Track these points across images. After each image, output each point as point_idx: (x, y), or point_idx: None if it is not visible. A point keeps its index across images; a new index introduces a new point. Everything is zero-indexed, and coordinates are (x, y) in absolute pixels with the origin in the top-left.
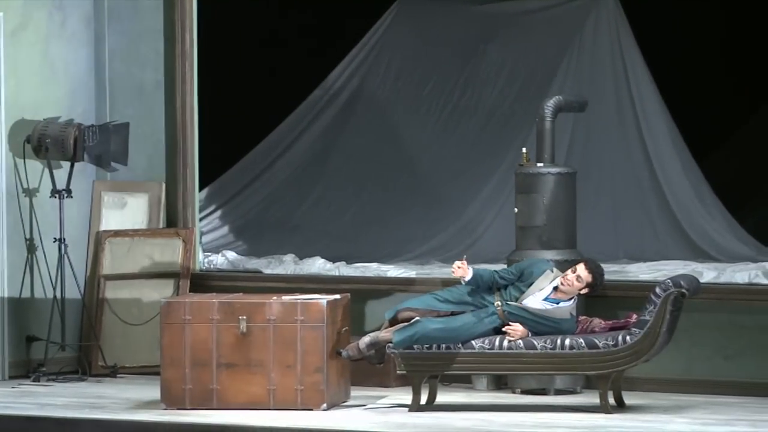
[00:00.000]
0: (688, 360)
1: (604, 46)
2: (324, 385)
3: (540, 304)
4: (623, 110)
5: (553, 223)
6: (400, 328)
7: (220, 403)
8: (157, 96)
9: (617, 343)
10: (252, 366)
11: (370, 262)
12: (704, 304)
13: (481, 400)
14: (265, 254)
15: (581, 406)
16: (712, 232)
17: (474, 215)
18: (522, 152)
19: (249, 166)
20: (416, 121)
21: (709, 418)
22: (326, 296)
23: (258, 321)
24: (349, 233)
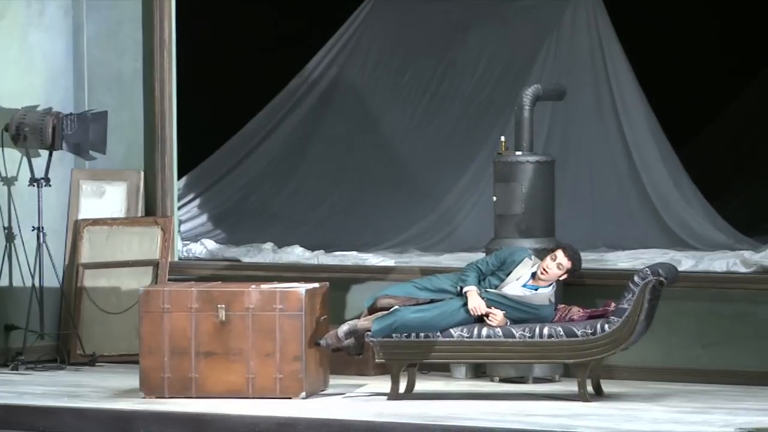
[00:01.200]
0: (666, 348)
1: (582, 35)
2: (303, 373)
3: (519, 291)
4: (602, 99)
5: (532, 211)
6: (379, 317)
7: (199, 392)
8: (135, 85)
9: (596, 332)
10: (231, 354)
11: (349, 251)
12: (682, 293)
13: (459, 389)
14: (243, 243)
15: (560, 395)
16: (690, 220)
17: (452, 204)
18: (500, 141)
19: (228, 154)
20: (395, 109)
21: (686, 406)
22: (305, 285)
23: (237, 309)
24: (328, 222)
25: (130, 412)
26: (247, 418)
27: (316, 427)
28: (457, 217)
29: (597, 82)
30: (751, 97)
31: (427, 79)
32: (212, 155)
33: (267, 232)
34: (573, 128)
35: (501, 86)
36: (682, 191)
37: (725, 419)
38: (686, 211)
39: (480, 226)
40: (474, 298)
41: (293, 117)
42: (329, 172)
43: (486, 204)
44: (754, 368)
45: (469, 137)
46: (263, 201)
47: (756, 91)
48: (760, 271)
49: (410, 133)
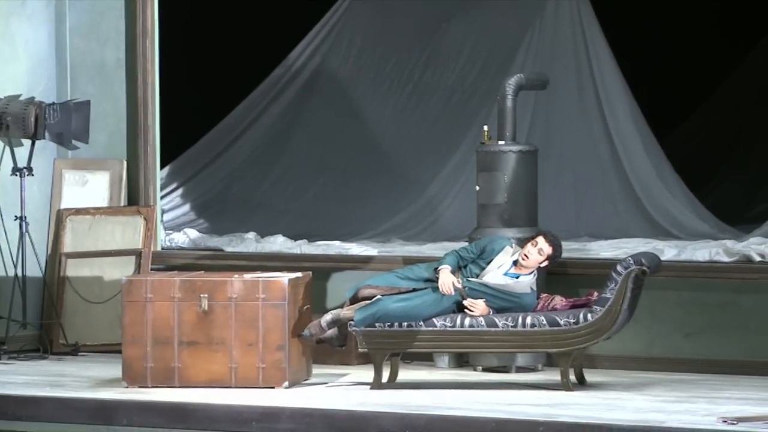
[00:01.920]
0: (649, 337)
1: (565, 24)
2: (286, 363)
3: (501, 279)
4: (584, 88)
5: (515, 200)
6: (362, 306)
7: (182, 381)
8: (118, 74)
9: (578, 321)
10: (213, 344)
11: (332, 240)
12: (665, 282)
13: (442, 378)
14: (226, 232)
15: (542, 384)
16: (672, 210)
17: (435, 193)
18: (483, 130)
19: (210, 144)
20: (378, 99)
21: (669, 395)
22: (288, 274)
23: (219, 299)
24: (311, 211)
25: (112, 402)
26: (230, 407)
27: (299, 417)
28: (439, 207)
29: (580, 72)
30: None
31: (410, 69)
32: (195, 145)
33: (250, 221)
34: (556, 118)
35: (484, 75)
36: (665, 181)
37: (708, 408)
38: (669, 200)
39: (463, 216)
40: (445, 275)
41: (276, 106)
42: (312, 162)
43: (469, 193)
44: (737, 357)
45: (452, 127)
46: (246, 190)
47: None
48: (743, 260)
49: (393, 122)
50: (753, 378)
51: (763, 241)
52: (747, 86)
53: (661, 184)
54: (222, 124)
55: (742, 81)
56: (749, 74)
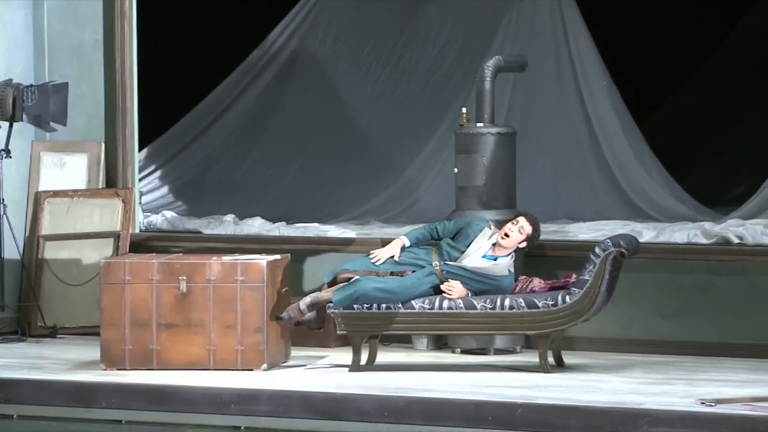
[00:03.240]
0: (627, 319)
1: (544, 7)
2: (264, 345)
3: (479, 262)
4: (563, 70)
5: (493, 183)
6: (340, 288)
7: (160, 364)
8: (95, 56)
9: (557, 303)
10: (192, 326)
11: (310, 223)
12: (643, 264)
13: (421, 360)
14: (204, 214)
15: (521, 366)
16: (651, 191)
17: (414, 175)
18: (462, 112)
19: (189, 126)
20: (356, 81)
21: (647, 377)
22: (266, 256)
23: (198, 281)
24: (289, 193)
25: (91, 384)
26: (208, 389)
27: (278, 399)
28: (418, 189)
29: (558, 54)
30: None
31: (389, 51)
32: (173, 127)
33: (228, 203)
34: (534, 100)
35: (462, 58)
36: (643, 163)
37: (686, 390)
38: (647, 182)
39: (441, 198)
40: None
41: (254, 88)
42: (290, 144)
43: (447, 176)
44: (715, 339)
45: (430, 109)
46: (224, 173)
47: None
48: (721, 242)
49: (372, 104)
50: (731, 360)
51: (741, 223)
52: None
53: (639, 166)
54: (200, 107)
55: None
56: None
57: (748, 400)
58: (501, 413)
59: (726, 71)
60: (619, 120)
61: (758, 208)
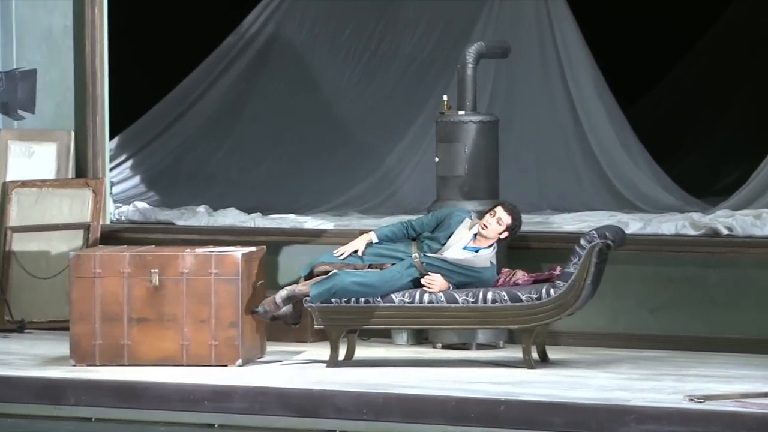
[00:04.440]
0: (613, 313)
1: None
2: (239, 340)
3: (459, 254)
4: (547, 57)
5: (475, 172)
6: (318, 281)
7: (132, 360)
8: (65, 42)
9: (541, 296)
10: (164, 321)
11: (287, 214)
12: (630, 256)
13: (400, 355)
14: (177, 205)
15: (503, 361)
16: (637, 181)
17: (393, 165)
18: (443, 100)
19: (161, 114)
20: (334, 68)
21: (634, 372)
22: (241, 249)
23: (171, 274)
24: (265, 184)
25: (60, 381)
26: (181, 386)
27: (253, 396)
28: (398, 179)
29: (542, 40)
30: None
31: (367, 37)
32: (145, 115)
33: (202, 194)
34: (517, 87)
35: (443, 44)
36: (630, 152)
37: (674, 386)
38: (634, 172)
39: (422, 188)
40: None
41: (229, 75)
42: (266, 133)
43: (428, 165)
44: (704, 334)
45: (410, 96)
46: (198, 162)
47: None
48: (710, 233)
49: (350, 92)
50: (720, 355)
51: (730, 214)
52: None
53: (625, 155)
54: (173, 94)
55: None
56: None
57: (738, 396)
58: (483, 410)
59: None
60: (605, 108)
61: (748, 198)
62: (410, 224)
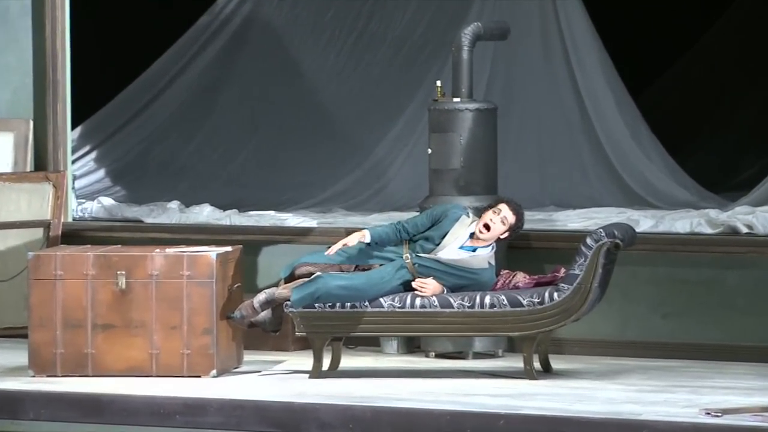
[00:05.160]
0: (623, 319)
1: None
2: (213, 348)
3: (455, 254)
4: (550, 39)
5: (472, 165)
6: (299, 285)
7: (96, 370)
8: (23, 22)
9: (543, 301)
10: (132, 327)
11: (266, 210)
12: (641, 257)
13: (390, 365)
14: (146, 201)
15: (503, 372)
16: (649, 175)
17: (382, 157)
18: (436, 86)
19: (128, 101)
20: (317, 51)
21: (645, 384)
22: (216, 248)
23: (139, 276)
24: (242, 177)
25: (18, 393)
26: (150, 399)
27: (229, 409)
28: (387, 172)
29: (545, 20)
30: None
31: (353, 17)
32: (111, 102)
33: (173, 189)
34: (518, 72)
35: (436, 24)
36: (641, 143)
37: (689, 398)
38: (645, 164)
39: (413, 182)
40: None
41: (202, 59)
42: (243, 122)
43: (420, 157)
44: (721, 341)
45: (400, 82)
46: (169, 154)
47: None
48: (728, 232)
49: (334, 77)
50: (739, 364)
51: (750, 211)
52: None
53: (636, 146)
54: (141, 80)
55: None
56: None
57: (758, 409)
58: (481, 425)
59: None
60: (613, 94)
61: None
62: (403, 226)
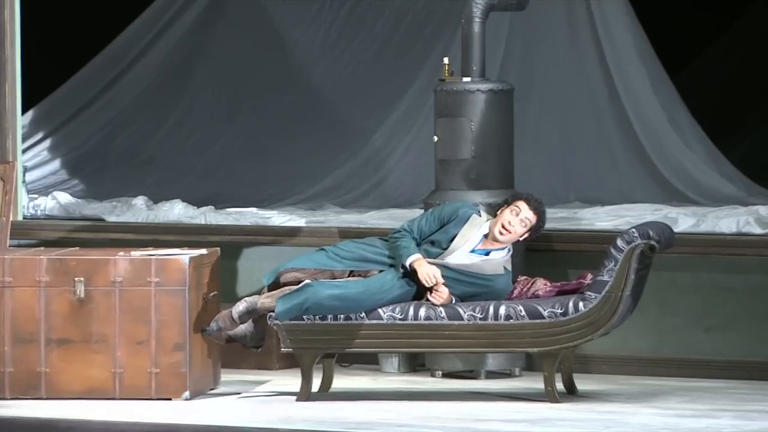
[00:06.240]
0: (658, 333)
1: None
2: (186, 367)
3: (466, 258)
4: (575, 9)
5: (484, 155)
6: (286, 294)
7: (51, 391)
8: None
9: (567, 312)
10: (92, 342)
11: (246, 207)
12: (680, 261)
13: (390, 386)
14: (108, 197)
15: (520, 394)
16: (689, 166)
17: (381, 146)
18: (443, 63)
19: (87, 81)
20: (305, 24)
21: (685, 407)
22: (189, 251)
23: (99, 284)
24: (219, 169)
25: None
26: (113, 425)
27: None
28: (387, 163)
29: None
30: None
31: None
32: (67, 82)
33: (139, 182)
34: (537, 48)
35: None
36: (679, 129)
37: (734, 424)
38: (684, 154)
39: (417, 175)
40: (425, 266)
41: (173, 32)
42: (220, 105)
43: (425, 146)
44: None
45: (402, 59)
46: (134, 142)
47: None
48: None
49: (326, 54)
50: None
51: None
52: None
53: (673, 133)
54: (102, 56)
55: None
56: None
57: None
58: None
59: None
60: (648, 73)
61: None
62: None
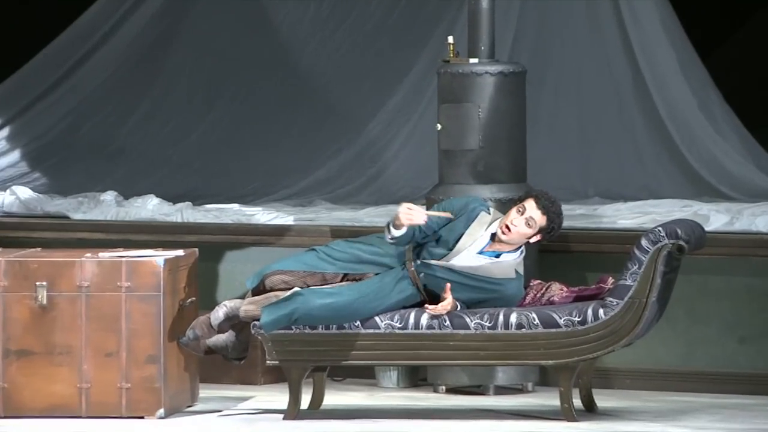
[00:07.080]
0: (688, 344)
1: None
2: (161, 382)
3: (473, 260)
4: None
5: (493, 145)
6: (272, 303)
7: (10, 409)
8: None
9: (585, 320)
10: (55, 354)
11: (228, 203)
12: (711, 263)
13: (388, 403)
14: (74, 192)
15: (534, 411)
16: (722, 157)
17: (377, 134)
18: (447, 43)
19: (50, 63)
20: None
21: (717, 426)
22: (164, 252)
23: (64, 289)
24: (197, 161)
25: None
26: None
27: None
28: (384, 154)
29: None
30: None
31: None
32: (27, 64)
33: (108, 176)
34: (553, 26)
35: None
36: (711, 116)
37: None
38: (716, 144)
39: (417, 167)
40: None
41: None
42: (197, 90)
43: (427, 135)
44: None
45: (401, 39)
46: (102, 131)
47: None
48: None
49: (316, 33)
50: None
51: None
52: None
53: (705, 120)
54: (66, 34)
55: None
56: None
57: None
58: None
59: None
60: (676, 55)
61: None
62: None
